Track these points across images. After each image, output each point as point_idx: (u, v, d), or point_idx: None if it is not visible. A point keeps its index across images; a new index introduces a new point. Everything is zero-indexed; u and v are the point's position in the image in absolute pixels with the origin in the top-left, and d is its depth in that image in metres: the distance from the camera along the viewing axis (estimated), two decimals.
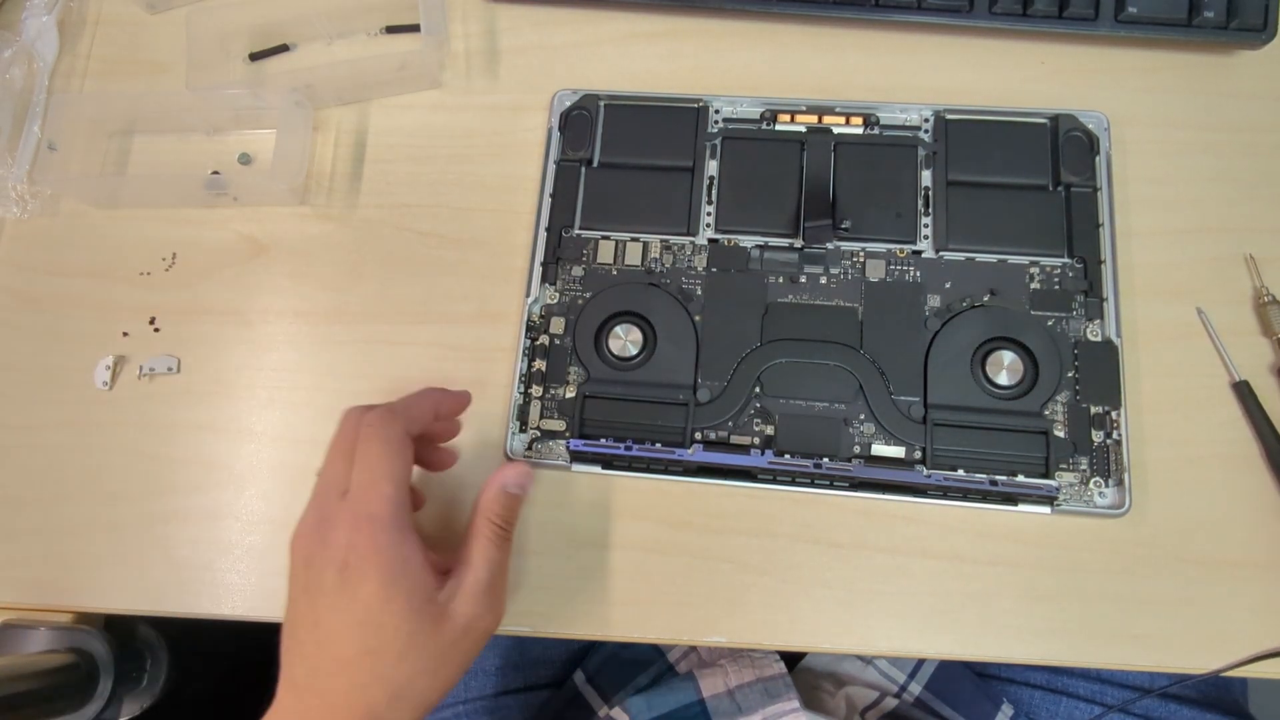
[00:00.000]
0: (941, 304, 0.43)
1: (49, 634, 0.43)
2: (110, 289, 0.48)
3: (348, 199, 0.48)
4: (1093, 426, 0.40)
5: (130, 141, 0.51)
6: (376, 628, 0.34)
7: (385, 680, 0.34)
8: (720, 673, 0.51)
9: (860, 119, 0.46)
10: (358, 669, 0.34)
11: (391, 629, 0.34)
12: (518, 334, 0.44)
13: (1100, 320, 0.42)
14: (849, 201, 0.44)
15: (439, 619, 0.35)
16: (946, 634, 0.40)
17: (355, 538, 0.34)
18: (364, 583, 0.34)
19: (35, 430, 0.46)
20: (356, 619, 0.34)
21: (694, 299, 0.44)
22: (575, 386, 0.43)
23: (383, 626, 0.34)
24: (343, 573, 0.34)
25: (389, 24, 0.51)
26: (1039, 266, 0.43)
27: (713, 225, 0.45)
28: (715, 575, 0.41)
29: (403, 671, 0.34)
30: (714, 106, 0.47)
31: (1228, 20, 0.45)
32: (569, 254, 0.45)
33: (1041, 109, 0.45)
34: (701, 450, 0.41)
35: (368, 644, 0.34)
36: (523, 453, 0.42)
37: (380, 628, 0.34)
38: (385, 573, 0.34)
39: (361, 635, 0.34)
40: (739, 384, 0.42)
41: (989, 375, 0.41)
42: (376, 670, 0.34)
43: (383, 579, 0.34)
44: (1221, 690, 0.53)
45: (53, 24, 0.52)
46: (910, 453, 0.41)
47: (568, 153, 0.47)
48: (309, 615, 0.35)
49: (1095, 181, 0.44)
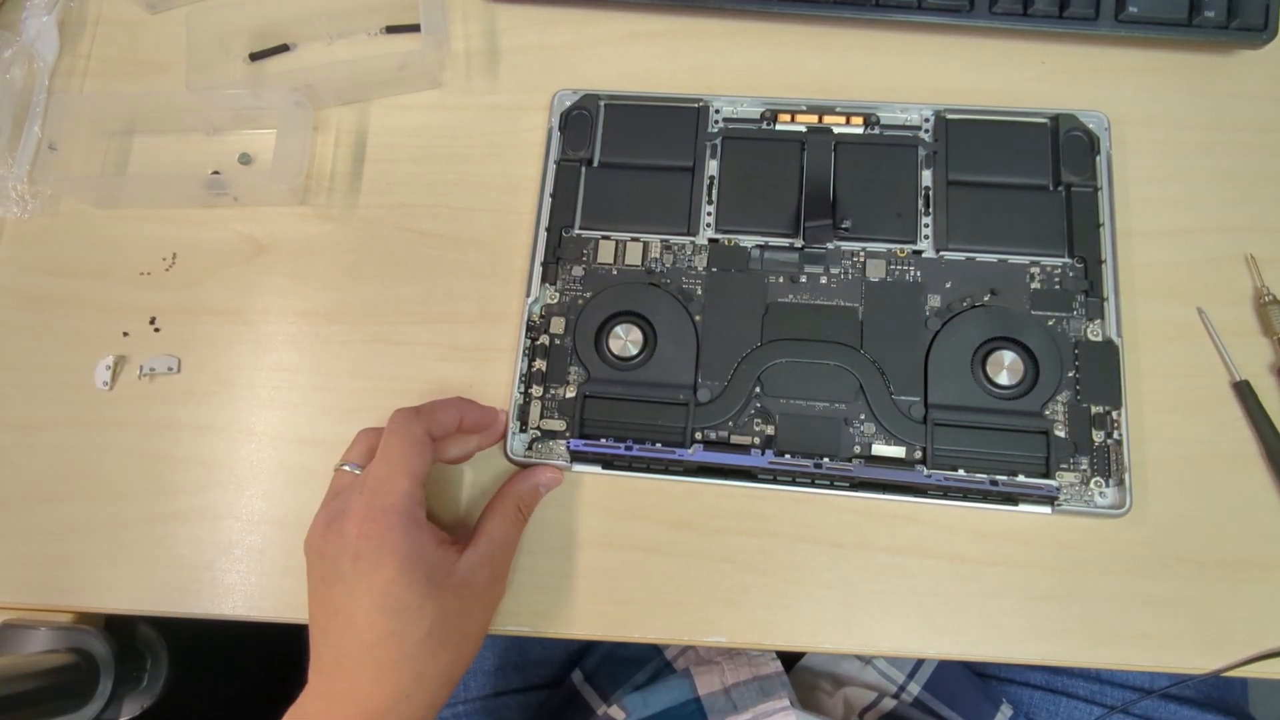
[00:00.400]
0: (942, 304, 0.43)
1: (49, 634, 0.43)
2: (110, 289, 0.48)
3: (348, 199, 0.48)
4: (1093, 426, 0.40)
5: (130, 141, 0.51)
6: (398, 611, 0.35)
7: (411, 659, 0.35)
8: (717, 671, 0.51)
9: (860, 119, 0.46)
10: (383, 652, 0.35)
11: (415, 609, 0.35)
12: (517, 334, 0.44)
13: (1101, 320, 0.42)
14: (849, 201, 0.44)
15: (459, 591, 0.36)
16: (946, 634, 0.40)
17: (368, 527, 0.35)
18: (379, 569, 0.34)
19: (35, 430, 0.46)
20: (376, 604, 0.34)
21: (694, 299, 0.44)
22: (575, 386, 0.43)
23: (405, 608, 0.35)
24: (356, 562, 0.35)
25: (389, 24, 0.51)
26: (1039, 266, 0.43)
27: (713, 225, 0.45)
28: (715, 575, 0.41)
29: (428, 649, 0.35)
30: (714, 106, 0.47)
31: (1228, 20, 0.44)
32: (569, 254, 0.45)
33: (1042, 109, 0.45)
34: (702, 450, 0.41)
35: (390, 627, 0.34)
36: (523, 453, 0.42)
37: (403, 610, 0.35)
38: (401, 558, 0.35)
39: (384, 619, 0.34)
40: (739, 384, 0.42)
41: (989, 375, 0.41)
42: (401, 651, 0.35)
43: (399, 564, 0.35)
44: (1222, 690, 0.53)
45: (53, 24, 0.52)
46: (911, 453, 0.41)
47: (568, 152, 0.46)
48: (329, 604, 0.36)
49: (1096, 181, 0.43)
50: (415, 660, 0.35)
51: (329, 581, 0.35)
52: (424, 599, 0.35)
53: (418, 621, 0.35)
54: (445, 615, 0.36)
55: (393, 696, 0.35)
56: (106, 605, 0.44)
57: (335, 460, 0.40)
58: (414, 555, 0.35)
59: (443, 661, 0.36)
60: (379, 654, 0.34)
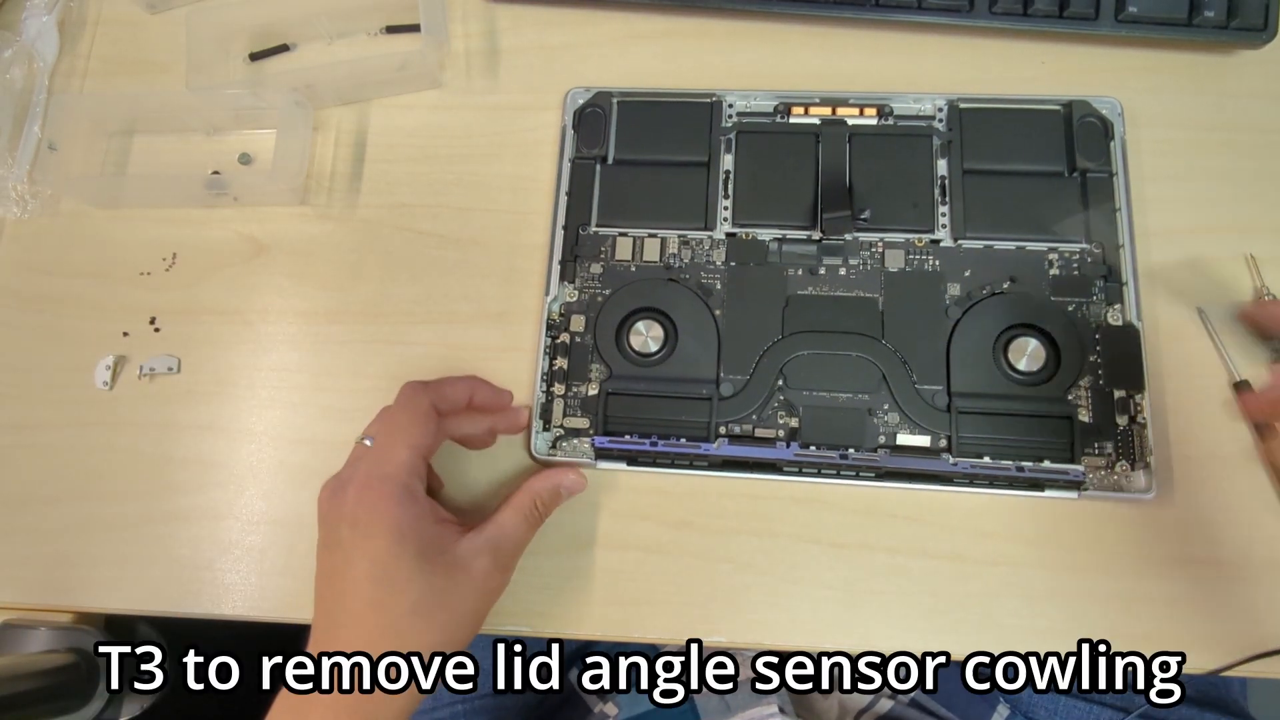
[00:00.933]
0: (961, 292, 0.43)
1: (49, 634, 0.43)
2: (110, 289, 0.48)
3: (348, 199, 0.48)
4: (1116, 411, 0.40)
5: (130, 141, 0.51)
6: (386, 581, 0.34)
7: (395, 632, 0.35)
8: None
9: (874, 110, 0.46)
10: (369, 620, 0.35)
11: (403, 581, 0.35)
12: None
13: (1121, 304, 0.42)
14: (865, 192, 0.44)
15: (452, 570, 0.36)
16: (946, 634, 0.40)
17: (366, 494, 0.35)
18: (372, 537, 0.35)
19: (35, 430, 0.46)
20: (366, 572, 0.34)
21: (714, 293, 0.44)
22: (598, 384, 0.43)
23: (393, 580, 0.34)
24: (353, 528, 0.35)
25: (389, 24, 0.51)
26: (1057, 253, 0.43)
27: (730, 219, 0.45)
28: (715, 575, 0.41)
29: (413, 624, 0.35)
30: (727, 101, 0.47)
31: (1228, 20, 0.45)
32: (587, 251, 0.45)
33: (1055, 95, 0.45)
34: (727, 444, 0.41)
35: (377, 596, 0.34)
36: (547, 451, 0.42)
37: (390, 580, 0.34)
38: (394, 529, 0.35)
39: (371, 588, 0.34)
40: (762, 377, 0.42)
41: (1011, 362, 0.41)
42: (386, 620, 0.35)
43: (392, 535, 0.35)
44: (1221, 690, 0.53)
45: (53, 24, 0.52)
46: (935, 441, 0.41)
47: (582, 150, 0.46)
48: (328, 569, 0.36)
49: (1111, 166, 0.44)
50: (399, 634, 0.35)
51: (329, 547, 0.36)
52: (413, 571, 0.35)
53: (404, 593, 0.35)
54: (433, 592, 0.35)
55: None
56: (106, 605, 0.44)
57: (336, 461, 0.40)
58: (406, 526, 0.35)
59: (428, 640, 0.35)
60: (365, 622, 0.35)
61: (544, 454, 0.42)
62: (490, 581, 0.38)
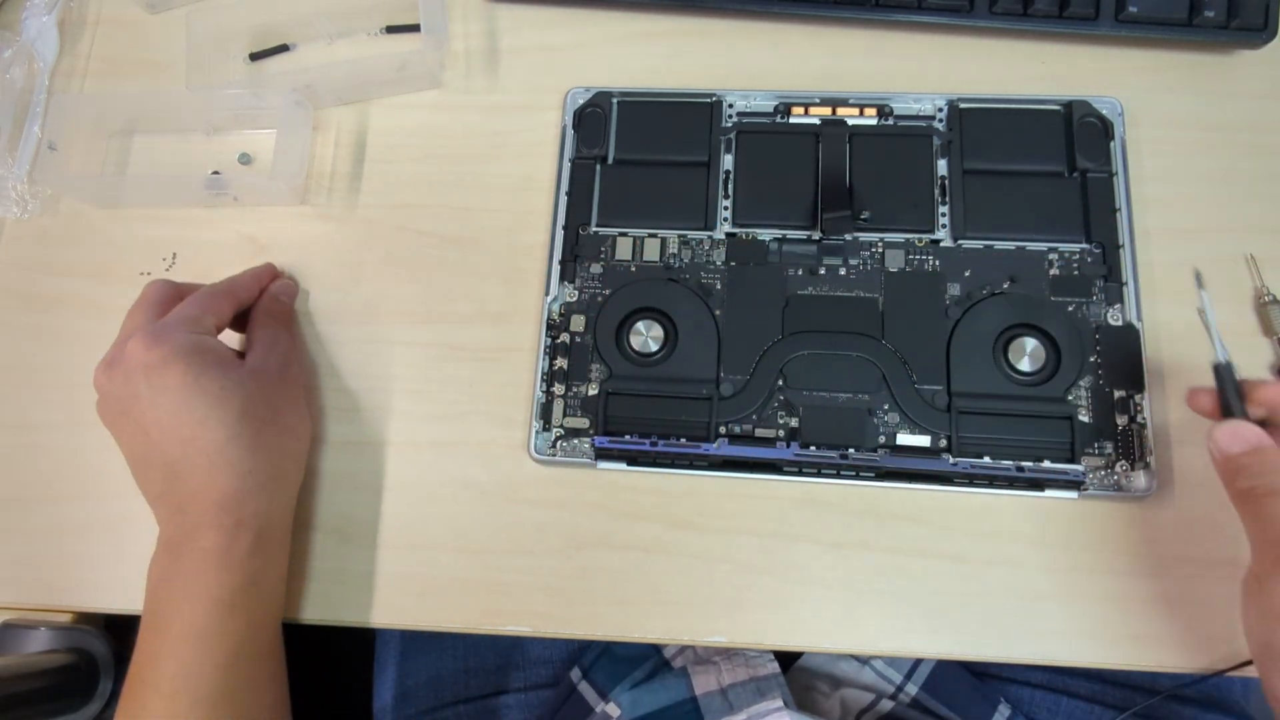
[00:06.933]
0: (961, 292, 0.43)
1: (49, 634, 0.43)
2: (110, 289, 0.48)
3: (348, 199, 0.48)
4: (1116, 411, 0.40)
5: (130, 141, 0.51)
6: (202, 395, 0.36)
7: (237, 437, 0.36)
8: (714, 670, 0.51)
9: (874, 110, 0.46)
10: (205, 439, 0.36)
11: (218, 391, 0.36)
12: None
13: (1121, 305, 0.42)
14: (865, 192, 0.44)
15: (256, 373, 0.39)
16: (946, 634, 0.40)
17: (149, 341, 0.36)
18: (169, 369, 0.36)
19: (35, 430, 0.46)
20: (181, 401, 0.35)
21: (714, 293, 0.44)
22: (598, 384, 0.43)
23: (208, 392, 0.36)
24: (148, 373, 0.36)
25: (389, 24, 0.51)
26: (1057, 253, 0.43)
27: (730, 219, 0.45)
28: (715, 575, 0.41)
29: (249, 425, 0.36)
30: (727, 101, 0.47)
31: (1228, 20, 0.45)
32: (587, 251, 0.45)
33: (1055, 95, 0.45)
34: (727, 444, 0.41)
35: (202, 414, 0.36)
36: (547, 451, 0.42)
37: (206, 394, 0.36)
38: (187, 352, 0.36)
39: (192, 411, 0.36)
40: (762, 377, 0.42)
41: (1011, 362, 0.41)
42: (223, 432, 0.36)
43: (187, 358, 0.36)
44: (1221, 690, 0.53)
45: (53, 24, 0.52)
46: (936, 441, 0.41)
47: (582, 150, 0.46)
48: (138, 428, 0.37)
49: (1111, 167, 0.44)
50: (241, 437, 0.36)
51: (128, 408, 0.37)
52: (223, 379, 0.36)
53: (227, 401, 0.36)
54: (251, 395, 0.37)
55: (234, 476, 0.35)
56: (106, 605, 0.44)
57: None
58: (199, 347, 0.37)
59: (270, 434, 0.37)
60: (203, 443, 0.35)
61: (544, 454, 0.42)
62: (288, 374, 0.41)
